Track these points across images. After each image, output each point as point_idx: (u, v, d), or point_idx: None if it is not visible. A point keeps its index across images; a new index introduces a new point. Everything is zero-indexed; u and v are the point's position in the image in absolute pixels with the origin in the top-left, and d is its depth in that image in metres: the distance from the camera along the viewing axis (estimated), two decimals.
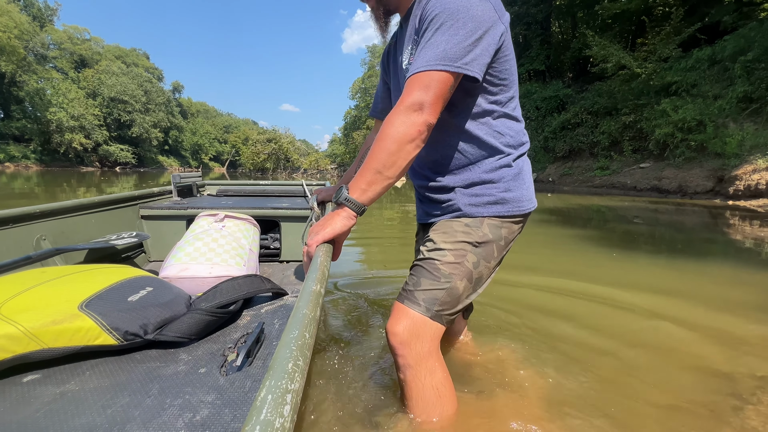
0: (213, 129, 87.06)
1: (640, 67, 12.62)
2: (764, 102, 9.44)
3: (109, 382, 0.54)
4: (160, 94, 58.75)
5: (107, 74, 50.10)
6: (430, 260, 0.95)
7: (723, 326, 1.89)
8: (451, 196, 0.99)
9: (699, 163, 10.16)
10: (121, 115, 49.97)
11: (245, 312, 0.82)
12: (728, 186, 8.88)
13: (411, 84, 0.80)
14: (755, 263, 3.21)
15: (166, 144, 65.61)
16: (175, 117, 65.96)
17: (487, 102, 0.92)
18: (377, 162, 0.81)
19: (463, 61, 0.79)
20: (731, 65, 10.54)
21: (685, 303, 2.19)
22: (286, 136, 41.64)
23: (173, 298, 0.73)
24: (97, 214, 1.40)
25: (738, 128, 9.58)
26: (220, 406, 0.49)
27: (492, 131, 0.95)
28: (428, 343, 0.92)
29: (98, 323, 0.59)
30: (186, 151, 74.63)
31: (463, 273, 0.94)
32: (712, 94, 10.64)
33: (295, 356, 0.37)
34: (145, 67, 63.57)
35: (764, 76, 9.52)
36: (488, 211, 0.95)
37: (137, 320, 0.64)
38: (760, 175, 8.21)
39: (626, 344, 1.68)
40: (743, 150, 9.10)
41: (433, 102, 0.80)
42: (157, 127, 56.88)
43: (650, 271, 2.88)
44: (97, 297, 0.64)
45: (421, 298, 0.93)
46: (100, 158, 47.46)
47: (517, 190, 0.97)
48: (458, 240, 0.94)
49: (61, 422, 0.46)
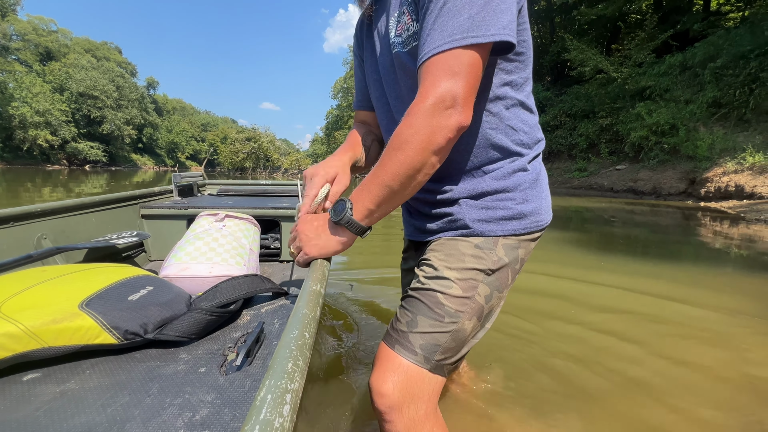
0: (190, 127, 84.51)
1: (616, 71, 12.97)
2: (732, 107, 9.83)
3: (109, 381, 0.54)
4: (134, 90, 56.64)
5: (76, 68, 47.88)
6: (430, 292, 0.73)
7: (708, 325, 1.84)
8: (454, 209, 0.77)
9: (672, 165, 10.49)
10: (90, 111, 47.82)
11: (245, 311, 0.81)
12: (700, 188, 9.18)
13: (431, 71, 0.60)
14: (729, 265, 3.24)
15: (140, 142, 63.37)
16: (149, 114, 63.74)
17: (500, 84, 0.71)
18: (390, 176, 0.63)
19: (498, 26, 0.59)
20: (701, 71, 10.94)
21: (661, 299, 2.15)
22: (266, 135, 40.81)
23: (173, 298, 0.74)
24: (97, 213, 1.41)
25: (708, 132, 9.94)
26: (219, 406, 0.49)
27: (504, 126, 0.74)
28: (425, 403, 0.71)
29: (98, 322, 0.60)
30: (161, 150, 72.25)
31: (473, 310, 0.73)
32: (683, 99, 11.02)
33: (294, 356, 0.37)
34: (117, 61, 61.12)
35: (732, 83, 9.91)
36: (503, 228, 0.74)
37: (137, 319, 0.64)
38: (729, 177, 8.52)
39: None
40: (713, 153, 9.44)
41: (467, 94, 0.60)
42: (130, 124, 54.82)
43: (628, 270, 2.85)
44: (97, 296, 0.65)
45: (418, 344, 0.71)
46: (68, 156, 45.30)
47: (536, 200, 0.78)
48: (467, 267, 0.73)
49: (61, 421, 0.46)
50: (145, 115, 61.30)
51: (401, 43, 0.71)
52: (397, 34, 0.72)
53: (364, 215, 0.68)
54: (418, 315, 0.72)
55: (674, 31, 12.71)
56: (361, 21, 0.91)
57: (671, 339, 1.78)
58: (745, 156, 8.54)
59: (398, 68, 0.75)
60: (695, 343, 1.75)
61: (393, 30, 0.73)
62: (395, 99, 0.80)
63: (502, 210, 0.74)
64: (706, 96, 10.34)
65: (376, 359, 0.75)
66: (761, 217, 5.96)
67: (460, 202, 0.76)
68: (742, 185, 8.07)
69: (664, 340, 1.76)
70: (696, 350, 1.68)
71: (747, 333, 1.86)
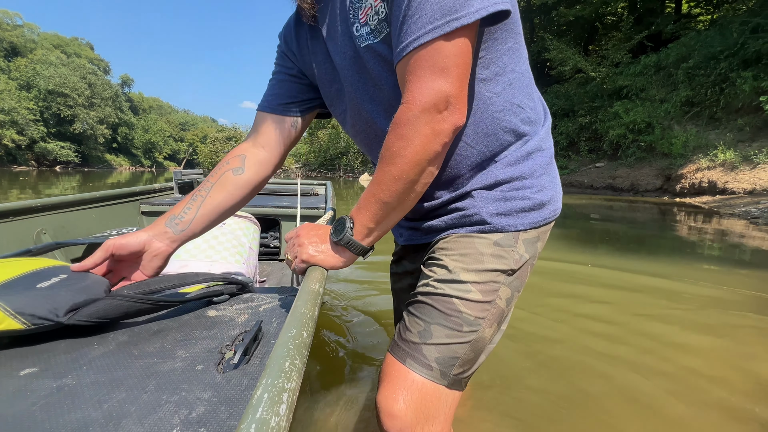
0: (168, 126, 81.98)
1: (594, 71, 13.29)
2: (704, 106, 10.21)
3: (105, 377, 0.54)
4: (107, 88, 54.50)
5: (44, 64, 45.68)
6: (445, 298, 0.64)
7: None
8: (467, 203, 0.68)
9: (648, 162, 10.81)
10: (61, 110, 45.75)
11: (243, 310, 0.80)
12: (675, 184, 9.49)
13: (413, 70, 0.53)
14: (705, 258, 3.33)
15: (114, 141, 61.12)
16: (124, 113, 61.54)
17: (497, 57, 0.61)
18: (386, 192, 0.58)
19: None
20: (675, 71, 11.33)
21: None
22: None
23: (89, 284, 0.71)
24: (97, 209, 1.40)
25: (682, 130, 10.29)
26: (216, 404, 0.48)
27: (510, 105, 0.64)
28: (441, 423, 0.63)
29: (1, 309, 0.59)
30: (138, 150, 69.93)
31: (494, 316, 0.65)
32: (658, 98, 11.38)
33: (292, 355, 0.38)
34: (89, 58, 58.78)
35: (703, 82, 10.29)
36: (524, 221, 0.66)
37: (46, 304, 0.62)
38: (703, 174, 8.84)
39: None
40: (687, 150, 9.77)
41: (459, 90, 0.53)
42: (103, 123, 52.75)
43: (610, 264, 2.89)
44: (2, 286, 0.65)
45: (434, 357, 0.62)
46: (37, 156, 43.22)
47: (552, 185, 0.71)
48: (487, 268, 0.65)
49: (57, 416, 0.46)
50: (120, 113, 59.14)
51: (371, 32, 0.60)
52: (363, 24, 0.61)
53: (364, 234, 0.63)
54: (432, 324, 0.64)
55: (649, 33, 13.12)
56: (295, 20, 0.77)
57: (658, 333, 1.78)
58: (717, 153, 8.87)
59: (371, 64, 0.63)
60: (679, 333, 1.76)
61: (356, 20, 0.62)
62: (370, 103, 0.68)
63: (521, 201, 0.66)
64: (680, 95, 10.71)
65: (384, 374, 0.66)
66: (734, 211, 6.19)
67: (474, 194, 0.67)
68: (715, 181, 8.38)
69: (653, 335, 1.76)
70: (683, 341, 1.69)
71: (732, 325, 1.88)
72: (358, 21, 0.62)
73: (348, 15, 0.63)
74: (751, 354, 1.62)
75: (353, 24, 0.62)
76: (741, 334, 1.81)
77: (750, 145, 8.59)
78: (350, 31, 0.64)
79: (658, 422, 1.18)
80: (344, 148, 30.14)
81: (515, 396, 1.27)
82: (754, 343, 1.71)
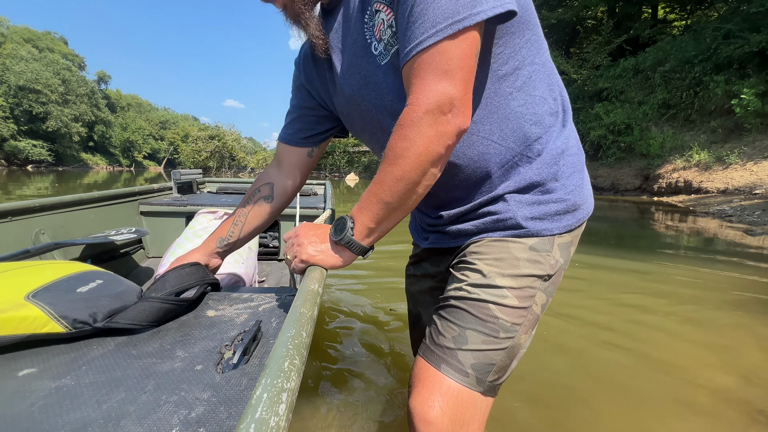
0: (147, 125, 79.73)
1: (576, 73, 13.61)
2: (680, 108, 10.58)
3: (105, 378, 0.54)
4: (82, 84, 52.62)
5: (14, 59, 43.70)
6: (481, 303, 0.63)
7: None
8: (500, 207, 0.66)
9: (628, 162, 11.14)
10: (33, 107, 43.90)
11: (242, 310, 0.80)
12: (653, 183, 9.81)
13: (418, 73, 0.53)
14: (682, 255, 3.45)
15: (90, 140, 59.03)
16: (101, 110, 59.44)
17: (514, 51, 0.60)
18: (388, 193, 0.58)
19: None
20: (652, 74, 11.70)
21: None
22: (231, 133, 39.29)
23: (124, 290, 0.74)
24: (96, 209, 1.40)
25: (659, 131, 10.65)
26: (215, 404, 0.49)
27: (530, 97, 0.63)
28: (475, 430, 0.63)
29: (45, 312, 0.61)
30: (115, 149, 67.77)
31: (530, 322, 0.65)
32: (637, 100, 11.73)
33: (291, 355, 0.38)
34: (63, 53, 56.55)
35: (679, 85, 10.67)
36: (559, 225, 0.65)
37: (86, 309, 0.64)
38: (679, 174, 9.17)
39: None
40: (664, 151, 10.11)
41: (464, 92, 0.53)
42: (78, 121, 50.92)
43: (591, 262, 2.96)
44: (43, 288, 0.65)
45: (470, 364, 0.61)
46: (7, 155, 41.36)
47: (585, 185, 0.69)
48: (523, 273, 0.64)
49: (56, 416, 0.46)
50: (96, 111, 57.10)
51: (386, 46, 0.60)
52: (379, 40, 0.60)
53: (364, 234, 0.63)
54: (467, 329, 0.63)
55: (627, 36, 13.50)
56: (307, 52, 0.78)
57: (639, 324, 1.83)
58: (692, 154, 9.21)
59: (390, 79, 0.63)
60: (660, 324, 1.82)
61: (372, 39, 0.61)
62: (390, 118, 0.66)
63: (556, 204, 0.65)
64: (657, 98, 11.07)
65: (416, 379, 0.65)
66: (709, 210, 6.43)
67: (507, 198, 0.65)
68: (690, 181, 8.70)
69: (634, 327, 1.81)
70: (662, 331, 1.74)
71: (708, 319, 1.95)
72: (374, 39, 0.62)
73: (365, 35, 0.63)
74: (728, 346, 1.69)
75: (371, 43, 0.62)
76: (717, 326, 1.88)
77: (722, 146, 8.95)
78: (369, 50, 0.63)
79: (636, 406, 1.21)
80: (330, 148, 29.97)
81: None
82: (731, 336, 1.78)
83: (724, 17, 11.01)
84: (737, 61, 9.40)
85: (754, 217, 5.25)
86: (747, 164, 7.95)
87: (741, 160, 8.17)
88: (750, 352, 1.64)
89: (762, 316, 2.00)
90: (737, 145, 8.65)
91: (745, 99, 8.47)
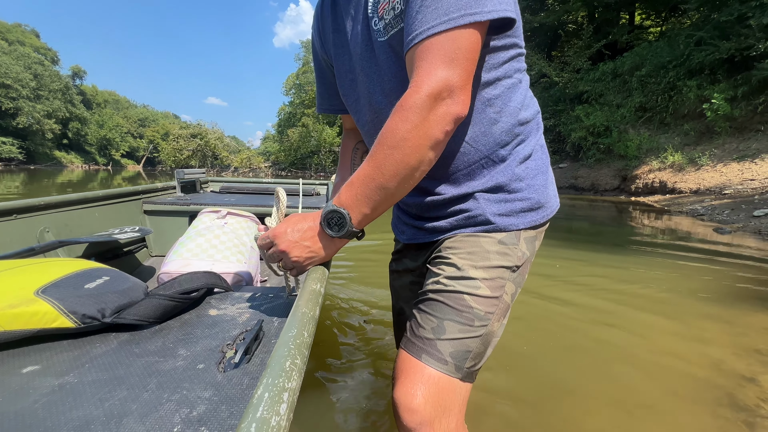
0: (125, 122, 77.18)
1: (557, 76, 13.94)
2: (655, 111, 10.98)
3: (107, 376, 0.55)
4: (56, 79, 50.62)
5: None
6: (456, 294, 0.67)
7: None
8: (470, 204, 0.71)
9: (607, 163, 11.49)
10: (2, 102, 41.91)
11: (244, 309, 0.81)
12: (630, 184, 10.15)
13: (425, 57, 0.55)
14: (659, 252, 3.60)
15: (65, 137, 56.77)
16: (75, 106, 57.25)
17: (499, 63, 0.66)
18: (387, 177, 0.58)
19: (496, 1, 0.55)
20: (629, 78, 12.10)
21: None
22: (214, 131, 38.55)
23: (131, 286, 0.76)
24: (100, 207, 1.43)
25: (636, 133, 11.03)
26: (217, 403, 0.49)
27: (509, 108, 0.68)
28: (456, 415, 0.66)
29: (55, 307, 0.62)
30: (91, 147, 65.35)
31: (502, 310, 0.69)
32: (615, 103, 12.11)
33: (292, 355, 0.38)
34: (35, 46, 54.14)
35: (654, 89, 11.07)
36: (524, 221, 0.71)
37: (94, 305, 0.66)
38: (655, 174, 9.52)
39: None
40: (641, 153, 10.48)
41: (465, 82, 0.56)
42: (52, 118, 48.94)
43: (569, 257, 3.06)
44: (52, 284, 0.67)
45: (448, 352, 0.65)
46: None
47: (549, 186, 0.75)
48: (494, 264, 0.68)
49: (59, 414, 0.46)
50: (71, 107, 55.00)
51: (386, 26, 0.64)
52: (381, 18, 0.64)
53: (360, 222, 0.64)
54: (445, 320, 0.66)
55: (606, 41, 13.92)
56: (321, 10, 0.80)
57: (617, 318, 1.91)
58: (667, 156, 9.58)
59: (384, 58, 0.67)
60: (636, 317, 1.90)
61: (374, 14, 0.65)
62: (381, 95, 0.71)
63: (521, 202, 0.71)
64: (634, 101, 11.46)
65: (399, 371, 0.68)
66: (683, 209, 6.71)
67: (476, 197, 0.71)
68: (665, 181, 9.04)
69: (612, 320, 1.89)
70: (639, 323, 1.83)
71: (684, 312, 2.06)
72: (376, 15, 0.65)
73: (368, 8, 0.66)
74: (700, 337, 1.79)
75: (372, 18, 0.66)
76: (690, 319, 1.98)
77: (695, 149, 9.35)
78: (369, 24, 0.67)
79: (619, 395, 1.28)
80: (315, 147, 29.76)
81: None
82: (704, 328, 1.88)
83: (696, 25, 11.49)
84: (708, 67, 9.82)
85: (724, 216, 5.51)
86: (717, 166, 8.33)
87: (712, 162, 8.55)
88: (717, 339, 1.74)
89: (731, 308, 2.12)
90: (708, 147, 9.04)
91: (715, 103, 8.86)
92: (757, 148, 8.03)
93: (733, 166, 7.96)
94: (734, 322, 1.95)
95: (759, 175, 7.16)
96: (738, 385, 1.38)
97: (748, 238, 4.23)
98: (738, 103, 8.80)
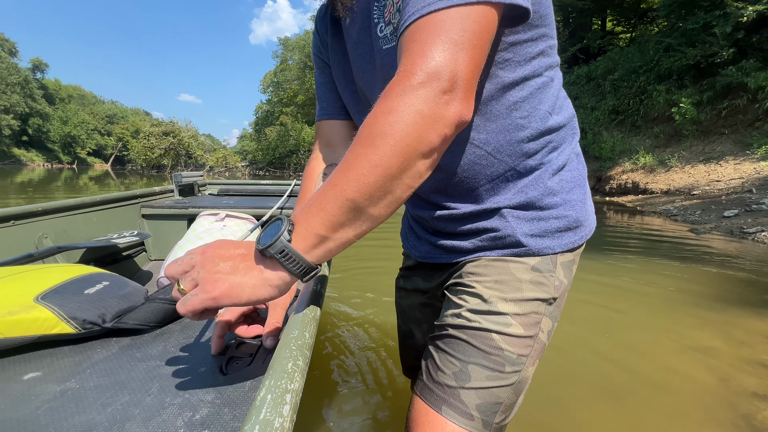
0: (92, 118, 73.55)
1: None
2: (627, 114, 11.38)
3: (109, 381, 0.55)
4: (14, 72, 47.68)
5: None
6: (483, 333, 0.55)
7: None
8: (497, 223, 0.59)
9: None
10: None
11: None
12: (605, 185, 10.46)
13: (419, 36, 0.41)
14: (633, 250, 3.67)
15: (24, 134, 53.54)
16: (36, 101, 54.14)
17: (525, 58, 0.54)
18: (354, 185, 0.40)
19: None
20: (603, 82, 12.50)
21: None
22: (188, 129, 37.21)
23: (131, 291, 0.76)
24: (98, 212, 1.44)
25: (609, 136, 11.39)
26: (219, 406, 0.49)
27: (535, 110, 0.56)
28: None
29: (55, 313, 0.62)
30: (54, 144, 62.00)
31: (537, 352, 0.58)
32: (590, 106, 12.48)
33: (294, 356, 0.38)
34: None
35: (626, 93, 11.47)
36: (561, 243, 0.59)
37: (95, 310, 0.66)
38: (628, 175, 9.84)
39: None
40: (614, 154, 10.82)
41: (472, 75, 0.41)
42: (9, 113, 46.05)
43: None
44: (52, 290, 0.67)
45: (474, 404, 0.54)
46: None
47: (587, 201, 0.63)
48: (527, 297, 0.57)
49: (61, 420, 0.46)
50: (31, 102, 51.98)
51: (392, 32, 0.53)
52: (387, 23, 0.53)
53: (311, 244, 0.41)
54: (470, 364, 0.55)
55: (581, 46, 14.34)
56: (324, 14, 0.70)
57: (599, 315, 1.88)
58: (639, 157, 9.93)
59: (389, 65, 0.55)
60: (616, 317, 1.87)
61: (380, 20, 0.54)
62: None
63: (556, 220, 0.59)
64: (607, 104, 11.84)
65: (414, 424, 0.56)
66: (656, 209, 6.94)
67: (504, 213, 0.59)
68: (638, 182, 9.36)
69: (595, 318, 1.85)
70: (620, 323, 1.80)
71: (664, 309, 2.05)
72: (383, 20, 0.54)
73: (373, 14, 0.56)
74: (683, 333, 1.80)
75: (377, 24, 0.56)
76: (676, 316, 1.97)
77: (665, 151, 9.73)
78: (373, 31, 0.56)
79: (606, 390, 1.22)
80: (294, 147, 29.28)
81: None
82: (692, 326, 1.88)
83: (663, 32, 11.98)
84: (676, 73, 10.26)
85: (696, 217, 5.71)
86: (685, 167, 8.69)
87: (680, 164, 8.91)
88: (701, 336, 1.74)
89: (725, 312, 2.13)
90: (677, 149, 9.43)
91: (683, 107, 9.25)
92: (722, 150, 8.43)
93: (700, 168, 8.32)
94: (733, 323, 1.96)
95: (724, 177, 7.50)
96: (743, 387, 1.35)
97: (723, 238, 4.39)
98: (704, 107, 9.23)
